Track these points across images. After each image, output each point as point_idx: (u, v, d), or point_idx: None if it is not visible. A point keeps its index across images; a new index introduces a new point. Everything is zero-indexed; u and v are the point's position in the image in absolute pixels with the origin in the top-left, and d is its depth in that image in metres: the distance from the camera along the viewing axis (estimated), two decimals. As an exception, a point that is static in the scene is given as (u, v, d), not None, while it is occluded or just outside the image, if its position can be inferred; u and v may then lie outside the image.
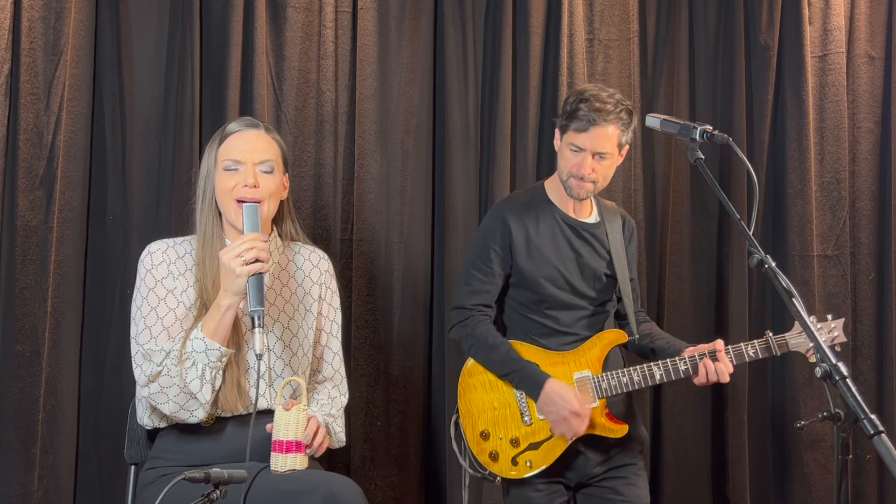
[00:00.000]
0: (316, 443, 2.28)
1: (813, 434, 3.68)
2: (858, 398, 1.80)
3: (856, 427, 1.82)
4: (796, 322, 2.81)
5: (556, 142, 2.81)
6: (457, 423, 2.78)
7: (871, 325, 3.81)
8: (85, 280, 3.12)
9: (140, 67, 3.22)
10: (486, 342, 2.75)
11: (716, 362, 2.67)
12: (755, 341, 2.76)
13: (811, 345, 2.70)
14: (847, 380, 1.83)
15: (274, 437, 2.23)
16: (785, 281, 1.99)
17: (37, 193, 3.05)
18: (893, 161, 3.82)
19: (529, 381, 2.70)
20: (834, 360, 1.85)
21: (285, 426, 2.23)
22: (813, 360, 1.95)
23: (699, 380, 2.70)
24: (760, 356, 2.76)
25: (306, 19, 3.36)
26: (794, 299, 1.96)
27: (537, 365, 2.72)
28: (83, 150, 3.12)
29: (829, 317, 2.89)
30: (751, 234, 2.09)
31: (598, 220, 2.87)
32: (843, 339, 2.88)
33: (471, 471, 2.75)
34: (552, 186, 2.86)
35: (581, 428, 2.67)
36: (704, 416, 3.69)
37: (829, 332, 2.85)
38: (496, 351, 2.74)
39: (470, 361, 2.79)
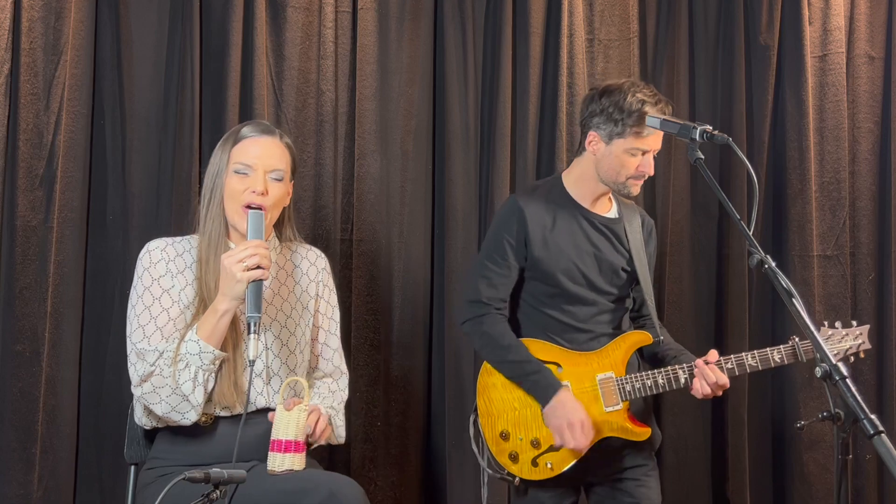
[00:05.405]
0: (318, 429, 2.27)
1: (813, 434, 3.68)
2: (858, 398, 1.80)
3: (856, 427, 1.82)
4: (821, 328, 2.79)
5: (596, 145, 2.72)
6: (475, 422, 2.74)
7: (871, 325, 3.79)
8: (85, 280, 3.13)
9: (140, 67, 3.22)
10: (501, 343, 2.70)
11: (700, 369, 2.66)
12: (781, 346, 2.71)
13: (834, 353, 2.70)
14: (847, 380, 1.83)
15: (273, 437, 2.23)
16: (785, 281, 1.98)
17: (37, 193, 3.05)
18: (893, 161, 3.82)
19: (542, 388, 2.65)
20: (834, 360, 1.85)
21: (285, 425, 2.22)
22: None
23: (697, 391, 2.66)
24: (787, 362, 2.71)
25: (306, 19, 3.37)
26: (794, 300, 1.96)
27: (551, 372, 2.68)
28: (83, 150, 3.12)
29: (854, 322, 2.84)
30: (751, 234, 2.09)
31: (618, 216, 2.84)
32: (867, 346, 2.81)
33: (489, 471, 2.72)
34: (570, 180, 2.82)
35: (584, 442, 2.61)
36: (704, 416, 3.69)
37: (855, 338, 2.79)
38: (511, 352, 2.69)
39: None
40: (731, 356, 2.70)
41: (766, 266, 2.02)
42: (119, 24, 3.20)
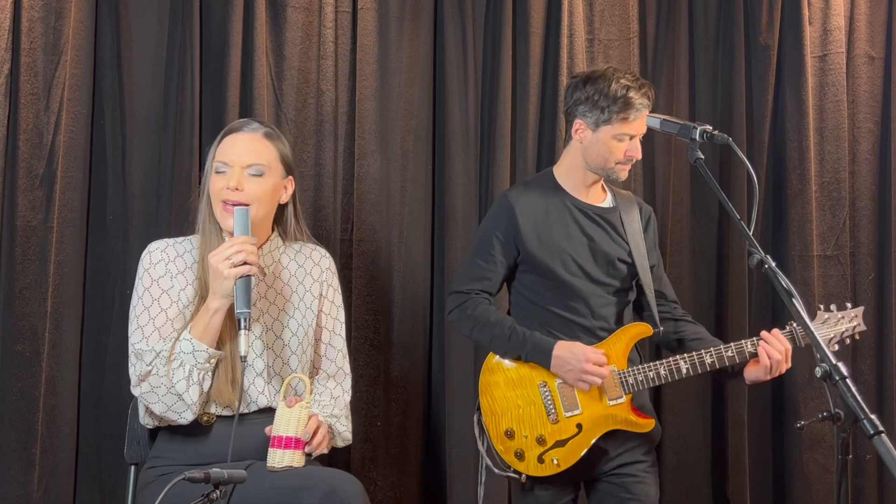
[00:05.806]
0: (315, 441, 2.27)
1: (813, 434, 3.67)
2: (858, 398, 1.81)
3: (856, 427, 1.83)
4: (817, 313, 2.81)
5: (583, 133, 2.75)
6: (479, 422, 2.75)
7: (871, 325, 3.78)
8: (85, 280, 3.12)
9: (140, 67, 3.22)
10: (488, 320, 2.72)
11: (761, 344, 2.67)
12: (779, 331, 2.72)
13: (831, 337, 2.73)
14: (847, 380, 1.83)
15: (273, 433, 2.23)
16: (785, 281, 1.99)
17: (37, 193, 3.05)
18: (893, 161, 3.81)
19: (537, 352, 2.67)
20: (834, 360, 1.86)
21: (286, 422, 2.22)
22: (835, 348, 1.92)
23: (755, 371, 2.69)
24: None
25: (306, 19, 3.37)
26: (794, 300, 1.96)
27: (540, 334, 2.69)
28: (83, 150, 3.12)
29: (849, 305, 2.85)
30: (751, 234, 2.09)
31: (613, 205, 2.84)
32: (863, 327, 2.82)
33: (496, 470, 2.71)
34: (561, 171, 2.83)
35: (604, 371, 2.64)
36: (704, 416, 3.69)
37: (850, 320, 2.80)
38: (499, 327, 2.70)
39: (491, 359, 2.75)
40: (731, 344, 2.72)
41: (766, 266, 2.03)
42: (119, 24, 3.20)
